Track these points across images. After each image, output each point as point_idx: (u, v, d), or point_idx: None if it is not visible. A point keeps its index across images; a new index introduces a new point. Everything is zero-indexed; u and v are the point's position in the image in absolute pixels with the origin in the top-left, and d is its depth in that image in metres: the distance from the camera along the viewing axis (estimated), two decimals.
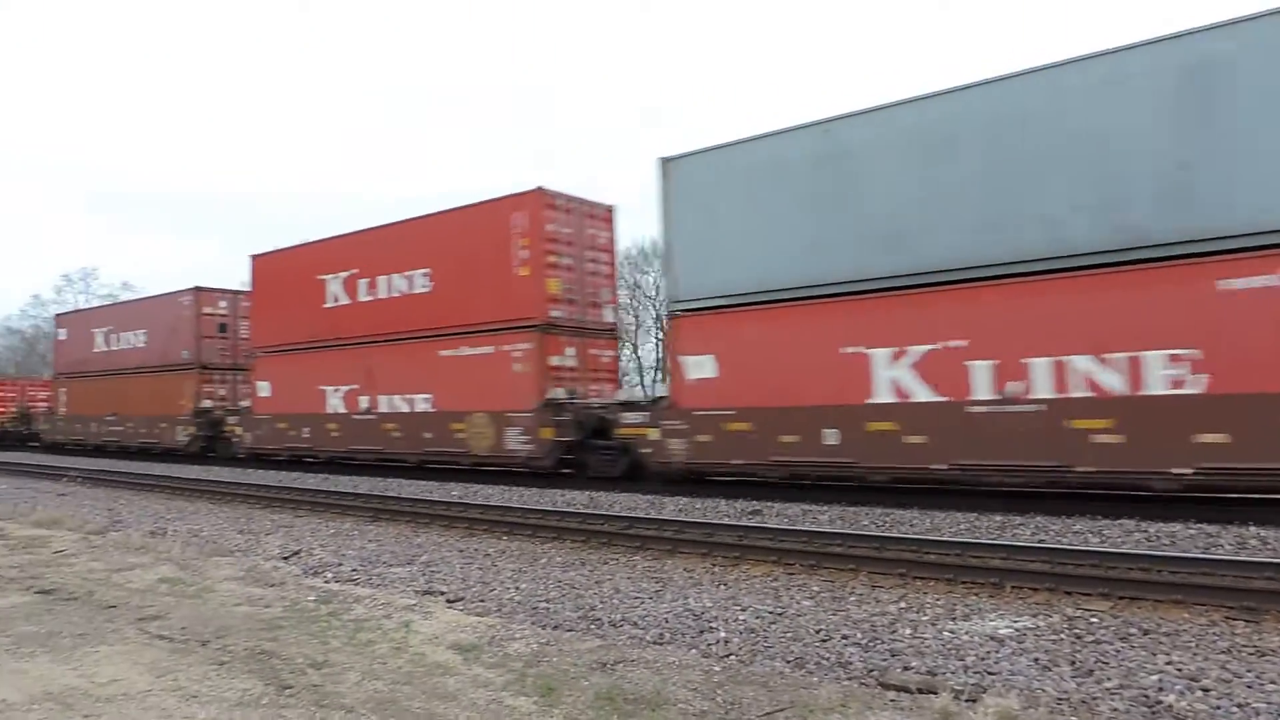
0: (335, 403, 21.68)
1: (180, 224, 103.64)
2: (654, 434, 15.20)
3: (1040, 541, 9.50)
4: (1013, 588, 7.46)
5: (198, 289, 27.55)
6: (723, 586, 8.06)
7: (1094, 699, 4.87)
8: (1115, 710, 4.69)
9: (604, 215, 19.59)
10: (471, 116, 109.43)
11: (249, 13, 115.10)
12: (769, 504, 13.01)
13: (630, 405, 16.43)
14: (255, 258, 24.47)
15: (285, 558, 9.99)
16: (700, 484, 15.31)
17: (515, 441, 17.65)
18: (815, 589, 7.82)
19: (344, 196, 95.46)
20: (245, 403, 25.58)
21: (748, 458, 13.94)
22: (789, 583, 8.13)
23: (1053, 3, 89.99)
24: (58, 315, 38.41)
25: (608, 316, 19.67)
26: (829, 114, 13.62)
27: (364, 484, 18.44)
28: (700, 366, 14.59)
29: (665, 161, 15.15)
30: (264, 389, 23.94)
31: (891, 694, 4.95)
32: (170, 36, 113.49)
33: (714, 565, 9.05)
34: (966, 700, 4.72)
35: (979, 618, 6.66)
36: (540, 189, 18.01)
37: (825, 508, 12.50)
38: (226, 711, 4.47)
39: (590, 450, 16.88)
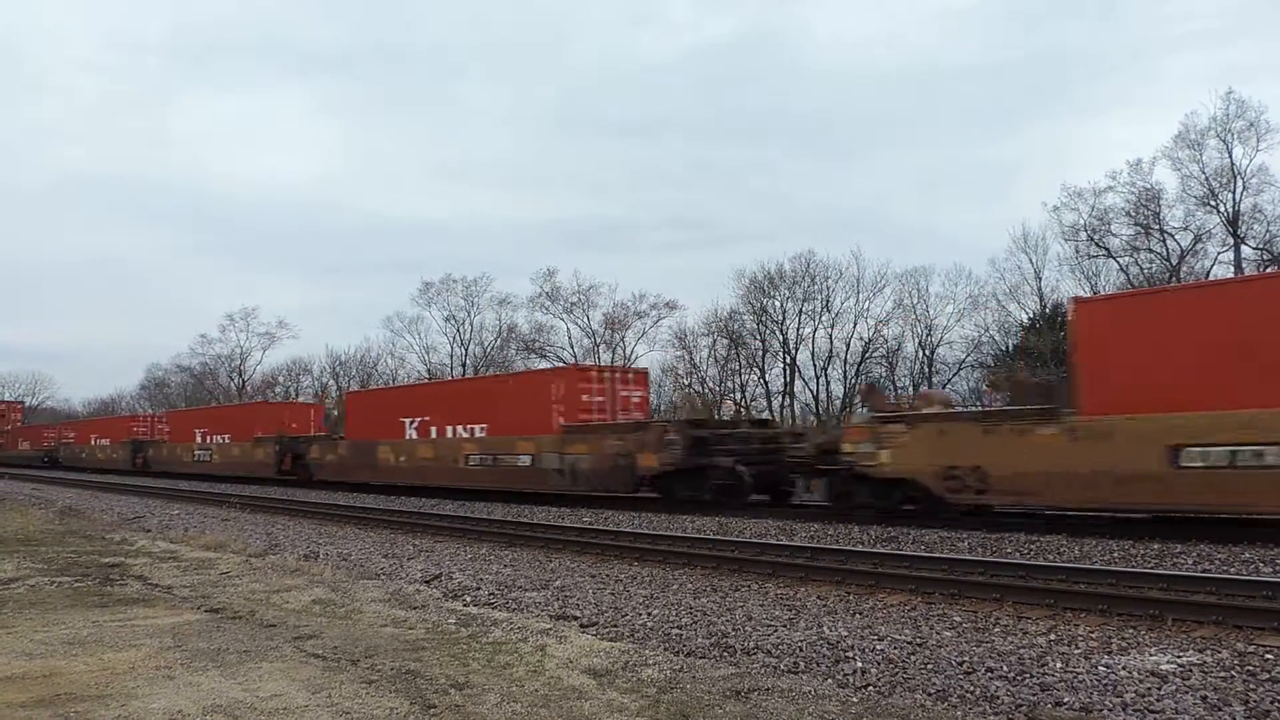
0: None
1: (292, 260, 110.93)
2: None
3: (1204, 571, 8.87)
4: (1174, 620, 6.98)
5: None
6: (858, 615, 7.87)
7: None
8: None
9: None
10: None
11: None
12: (905, 530, 12.66)
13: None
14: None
15: (427, 581, 10.37)
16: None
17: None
18: (957, 619, 7.53)
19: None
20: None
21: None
22: (928, 612, 7.86)
23: None
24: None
25: None
26: None
27: (498, 510, 19.00)
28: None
29: None
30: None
31: None
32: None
33: (848, 593, 8.85)
34: None
35: (1138, 652, 6.25)
36: None
37: (965, 534, 12.05)
38: None
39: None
